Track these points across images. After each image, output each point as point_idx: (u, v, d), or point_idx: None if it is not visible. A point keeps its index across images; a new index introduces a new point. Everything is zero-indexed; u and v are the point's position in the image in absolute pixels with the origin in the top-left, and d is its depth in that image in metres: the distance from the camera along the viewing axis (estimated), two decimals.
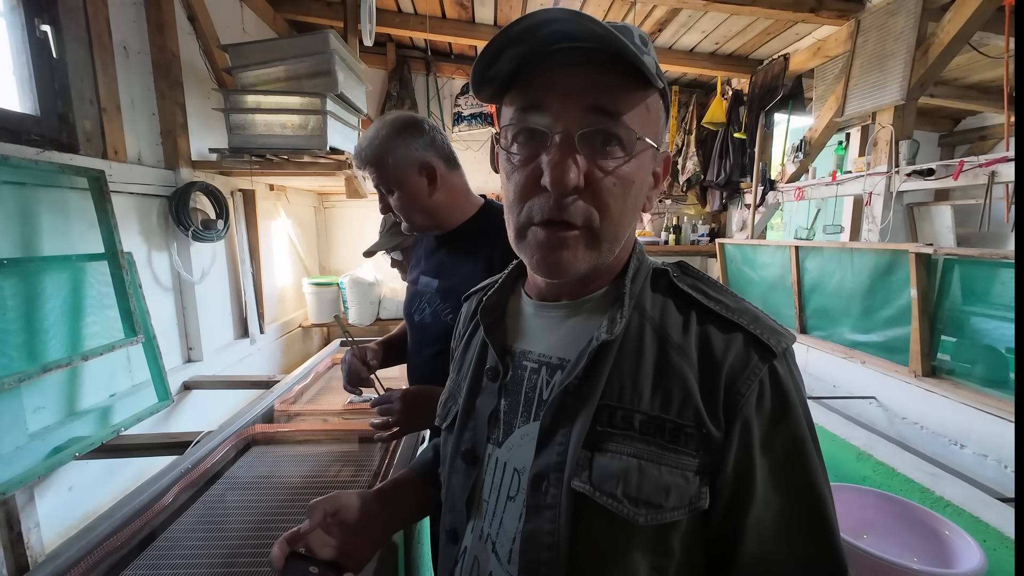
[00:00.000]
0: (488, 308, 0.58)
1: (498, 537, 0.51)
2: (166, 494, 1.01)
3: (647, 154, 0.47)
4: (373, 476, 1.21)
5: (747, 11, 2.65)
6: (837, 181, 2.80)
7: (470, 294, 0.72)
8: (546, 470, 0.47)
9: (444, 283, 1.05)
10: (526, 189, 0.46)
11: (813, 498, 0.44)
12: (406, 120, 1.00)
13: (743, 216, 3.77)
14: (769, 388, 0.44)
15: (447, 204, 1.04)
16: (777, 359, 0.45)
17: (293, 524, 1.00)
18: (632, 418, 0.45)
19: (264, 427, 1.42)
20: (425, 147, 1.00)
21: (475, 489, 0.54)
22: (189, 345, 2.02)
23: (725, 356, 0.45)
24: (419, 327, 1.09)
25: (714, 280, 0.52)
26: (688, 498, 0.43)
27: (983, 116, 4.33)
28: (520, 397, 0.52)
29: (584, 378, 0.47)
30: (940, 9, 2.31)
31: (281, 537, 0.57)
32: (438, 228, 1.07)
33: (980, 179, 2.04)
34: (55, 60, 1.44)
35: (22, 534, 1.21)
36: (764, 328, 0.46)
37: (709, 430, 0.44)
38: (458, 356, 0.65)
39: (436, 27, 3.16)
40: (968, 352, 1.92)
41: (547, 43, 0.43)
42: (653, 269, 0.53)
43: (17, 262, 1.23)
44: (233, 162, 2.00)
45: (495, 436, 0.54)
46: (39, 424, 1.27)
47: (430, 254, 1.13)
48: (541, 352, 0.53)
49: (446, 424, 0.61)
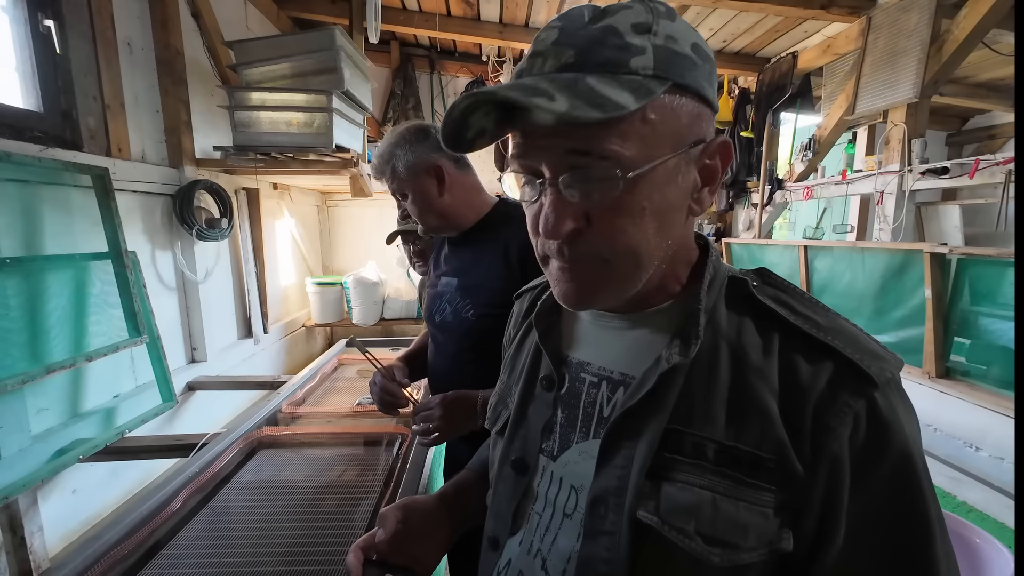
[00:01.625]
0: (542, 313, 0.55)
1: (550, 554, 0.48)
2: (174, 499, 0.99)
3: (664, 168, 0.41)
4: (384, 477, 1.19)
5: (756, 8, 2.61)
6: (847, 180, 2.77)
7: (522, 292, 0.68)
8: (604, 494, 0.44)
9: (464, 281, 1.06)
10: (534, 227, 0.44)
11: (917, 558, 0.38)
12: (413, 127, 1.06)
13: (750, 215, 3.74)
14: (865, 423, 0.39)
15: (459, 204, 1.06)
16: (878, 390, 0.39)
17: (302, 529, 0.99)
18: (704, 447, 0.41)
19: (271, 430, 1.39)
20: (432, 150, 1.03)
21: (524, 499, 0.52)
22: (193, 345, 2.00)
23: (813, 384, 0.40)
24: (440, 328, 1.09)
25: (801, 291, 0.47)
26: (768, 538, 0.39)
27: (992, 115, 4.29)
28: (578, 412, 0.50)
29: (649, 400, 0.43)
30: (954, 6, 2.28)
31: (354, 544, 0.57)
32: (453, 229, 1.09)
33: (996, 178, 2.01)
34: (58, 56, 1.41)
35: (25, 538, 1.19)
36: (863, 352, 0.40)
37: (793, 466, 0.39)
38: (509, 357, 0.62)
39: (441, 25, 3.13)
40: (983, 353, 1.89)
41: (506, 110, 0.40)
42: (729, 278, 0.47)
43: (20, 261, 1.20)
44: (237, 160, 1.97)
45: (549, 448, 0.51)
46: (42, 426, 1.25)
47: (448, 256, 1.15)
48: (601, 365, 0.49)
49: (496, 429, 0.59)
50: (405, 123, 1.08)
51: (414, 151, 1.02)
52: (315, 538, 0.96)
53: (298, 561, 0.90)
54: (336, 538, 0.96)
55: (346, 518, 1.04)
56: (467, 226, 1.08)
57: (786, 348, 0.42)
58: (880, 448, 0.39)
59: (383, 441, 1.38)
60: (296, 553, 0.91)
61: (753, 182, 3.61)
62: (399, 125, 1.07)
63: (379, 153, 1.05)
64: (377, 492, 1.14)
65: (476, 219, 1.08)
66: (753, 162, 3.57)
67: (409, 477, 1.08)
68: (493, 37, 3.30)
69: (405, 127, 1.06)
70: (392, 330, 3.46)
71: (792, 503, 0.39)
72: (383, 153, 1.04)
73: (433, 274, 1.19)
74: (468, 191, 1.08)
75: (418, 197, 1.03)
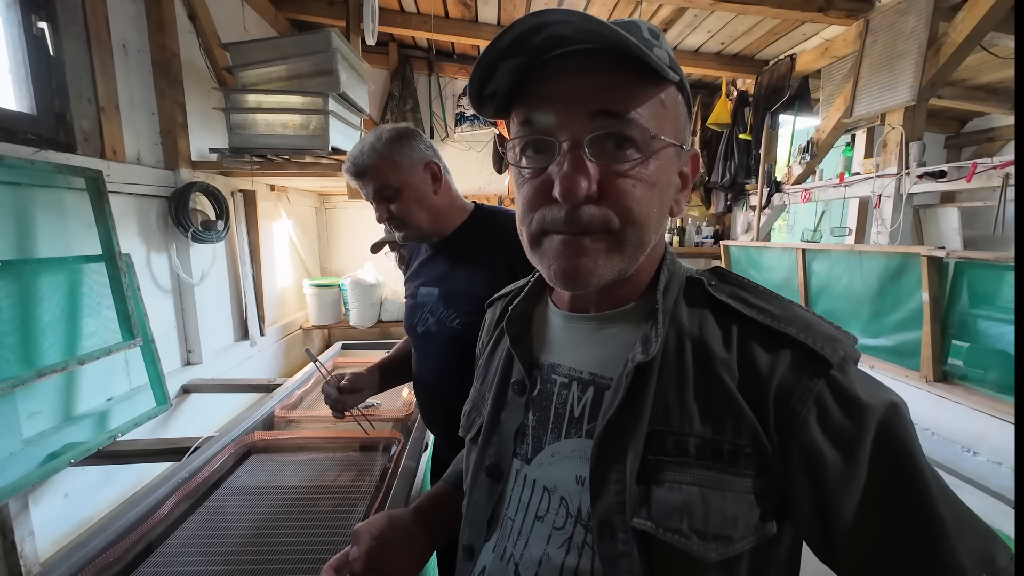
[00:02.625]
0: (514, 318, 0.56)
1: (522, 559, 0.48)
2: (163, 504, 0.98)
3: (668, 153, 0.44)
4: (377, 482, 1.18)
5: (754, 11, 2.61)
6: (845, 183, 2.77)
7: (494, 300, 0.69)
8: (609, 515, 0.42)
9: (446, 289, 1.04)
10: (536, 200, 0.44)
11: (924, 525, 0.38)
12: (403, 127, 1.04)
13: (748, 218, 3.73)
14: (834, 404, 0.39)
15: (445, 207, 1.06)
16: (834, 368, 0.40)
17: (294, 534, 0.98)
18: (686, 443, 0.41)
19: (264, 434, 1.39)
20: (427, 148, 1.04)
21: (498, 505, 0.52)
22: (188, 348, 1.99)
23: (772, 372, 0.41)
24: (423, 338, 1.07)
25: (756, 285, 0.48)
26: (754, 525, 0.40)
27: (990, 117, 4.29)
28: (550, 413, 0.50)
29: (625, 407, 0.43)
30: (952, 9, 2.28)
31: (327, 564, 0.56)
32: (436, 234, 1.07)
33: (993, 181, 2.01)
34: (52, 58, 1.41)
35: (16, 543, 1.19)
36: (817, 336, 0.41)
37: (766, 451, 0.40)
38: (482, 365, 0.62)
39: (439, 26, 3.13)
40: (981, 357, 1.89)
41: (542, 52, 0.41)
42: (687, 278, 0.49)
43: (12, 264, 1.20)
44: (234, 162, 1.97)
45: (522, 452, 0.51)
46: (34, 430, 1.24)
47: (426, 264, 1.12)
48: (571, 366, 0.50)
49: (470, 436, 0.59)
50: (388, 125, 1.05)
51: (412, 147, 1.01)
52: (308, 542, 0.96)
53: (291, 564, 0.89)
54: (329, 543, 0.96)
55: (340, 521, 1.03)
56: (448, 232, 1.06)
57: (743, 339, 0.43)
58: (857, 423, 0.39)
59: (379, 446, 1.38)
60: (288, 557, 0.91)
61: (751, 184, 3.60)
62: (380, 127, 1.04)
63: (368, 148, 0.99)
64: (370, 496, 1.13)
65: (456, 225, 1.07)
66: (751, 164, 3.57)
67: (401, 482, 1.08)
68: (491, 39, 3.29)
69: (392, 125, 1.04)
70: (390, 332, 3.46)
71: (771, 489, 0.40)
72: (374, 147, 0.98)
73: (410, 285, 1.16)
74: (452, 196, 1.08)
75: (414, 193, 1.00)
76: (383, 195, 1.00)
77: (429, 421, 1.15)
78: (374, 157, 0.98)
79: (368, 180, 1.00)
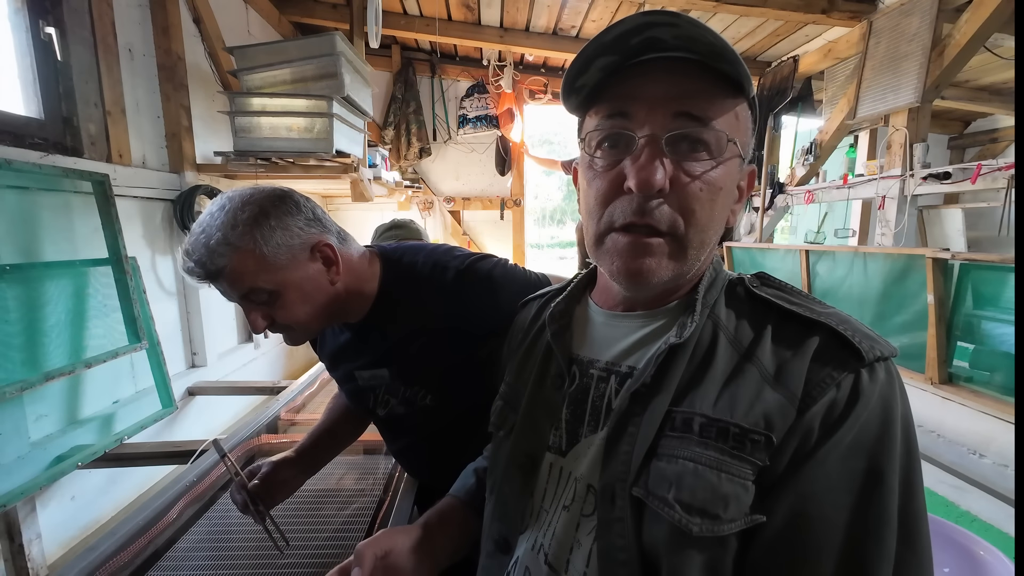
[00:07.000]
0: (555, 315, 0.57)
1: (550, 547, 0.49)
2: (171, 509, 0.98)
3: (734, 164, 0.45)
4: (383, 483, 1.18)
5: (757, 12, 2.61)
6: (849, 184, 2.76)
7: (527, 301, 0.70)
8: (612, 480, 0.44)
9: (399, 368, 0.85)
10: (608, 194, 0.45)
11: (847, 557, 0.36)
12: (269, 196, 0.70)
13: (751, 219, 3.73)
14: (846, 397, 0.38)
15: (354, 285, 0.80)
16: (866, 367, 0.39)
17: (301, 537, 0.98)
18: (692, 420, 0.42)
19: (269, 437, 1.39)
20: (308, 223, 0.73)
21: (531, 498, 0.52)
22: (193, 350, 2.00)
23: (804, 356, 0.40)
24: (388, 420, 0.92)
25: (800, 290, 0.48)
26: (745, 510, 0.39)
27: (994, 118, 4.28)
28: (586, 406, 0.51)
29: (652, 384, 0.45)
30: (956, 10, 2.28)
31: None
32: (343, 321, 0.85)
33: (998, 183, 2.00)
34: (59, 63, 1.42)
35: (23, 545, 1.19)
36: (855, 331, 0.41)
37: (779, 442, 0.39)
38: (517, 362, 0.63)
39: (442, 29, 3.14)
40: (986, 359, 1.88)
41: (635, 54, 0.43)
42: (729, 280, 0.51)
43: (20, 268, 1.20)
44: (238, 165, 1.98)
45: (556, 444, 0.52)
46: (41, 433, 1.25)
47: (350, 346, 0.88)
48: (609, 360, 0.51)
49: (503, 431, 0.59)
50: (241, 189, 0.71)
51: (285, 227, 0.69)
52: (315, 545, 0.96)
53: (298, 569, 0.89)
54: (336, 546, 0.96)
55: (346, 524, 1.03)
56: (364, 311, 0.82)
57: (780, 330, 0.44)
58: (852, 425, 0.38)
59: (383, 450, 1.38)
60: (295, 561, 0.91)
61: (754, 186, 3.60)
62: (227, 193, 0.71)
63: (214, 239, 0.66)
64: (376, 499, 1.13)
65: (373, 293, 0.82)
66: None
67: (407, 487, 1.08)
68: (494, 41, 3.30)
69: (250, 194, 0.69)
70: None
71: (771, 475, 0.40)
72: (225, 241, 0.66)
73: (338, 370, 0.93)
74: (357, 266, 0.81)
75: (298, 294, 0.71)
76: (254, 301, 0.70)
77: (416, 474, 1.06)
78: (230, 254, 0.66)
79: (227, 285, 0.69)
